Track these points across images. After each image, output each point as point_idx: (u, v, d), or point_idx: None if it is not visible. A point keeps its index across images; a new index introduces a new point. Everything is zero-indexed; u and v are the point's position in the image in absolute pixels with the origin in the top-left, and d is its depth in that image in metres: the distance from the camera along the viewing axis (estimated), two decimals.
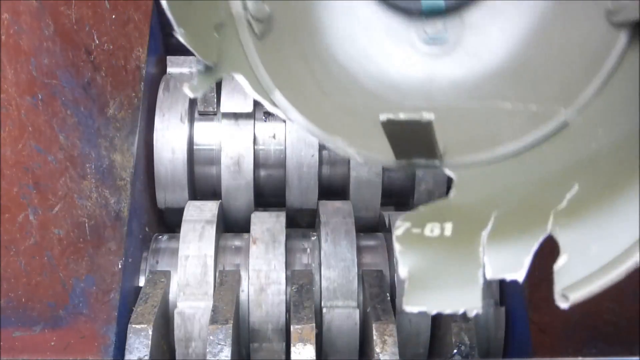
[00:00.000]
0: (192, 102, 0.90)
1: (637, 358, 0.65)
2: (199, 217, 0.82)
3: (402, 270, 0.51)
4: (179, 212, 0.84)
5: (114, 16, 0.79)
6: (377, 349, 0.70)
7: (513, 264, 0.50)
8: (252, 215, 0.84)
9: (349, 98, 0.64)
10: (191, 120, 0.89)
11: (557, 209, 0.51)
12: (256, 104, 0.90)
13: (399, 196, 0.94)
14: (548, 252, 0.73)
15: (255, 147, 0.89)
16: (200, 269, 0.78)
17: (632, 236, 0.46)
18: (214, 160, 0.90)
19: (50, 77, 0.67)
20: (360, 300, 0.79)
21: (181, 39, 0.52)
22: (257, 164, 0.90)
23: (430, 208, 0.55)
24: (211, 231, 0.80)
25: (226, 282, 0.77)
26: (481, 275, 0.49)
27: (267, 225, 0.82)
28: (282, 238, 0.81)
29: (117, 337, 0.72)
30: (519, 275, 0.49)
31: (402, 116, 0.50)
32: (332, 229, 0.82)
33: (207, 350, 0.70)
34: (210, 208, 0.83)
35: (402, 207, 0.97)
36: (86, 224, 0.71)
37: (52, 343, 0.65)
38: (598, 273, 0.46)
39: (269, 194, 0.93)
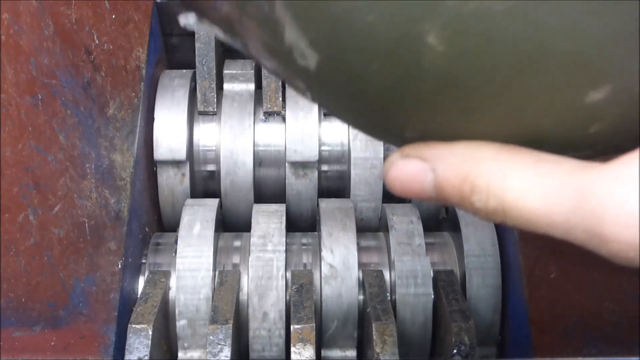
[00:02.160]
0: (192, 102, 0.90)
1: (638, 358, 0.65)
2: (198, 215, 0.82)
3: None
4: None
5: (114, 16, 0.79)
6: (377, 349, 0.70)
7: None
8: (253, 215, 0.83)
9: None
10: (191, 121, 0.89)
11: None
12: (256, 106, 0.90)
13: None
14: (549, 253, 0.73)
15: (255, 148, 0.89)
16: (199, 268, 0.78)
17: None
18: (213, 160, 0.90)
19: (50, 77, 0.67)
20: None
21: None
22: (256, 165, 0.90)
23: None
24: (210, 230, 0.80)
25: (226, 282, 0.77)
26: None
27: (267, 225, 0.82)
28: (283, 238, 0.81)
29: (117, 337, 0.72)
30: None
31: None
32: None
33: (207, 350, 0.70)
34: (209, 206, 0.83)
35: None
36: (86, 224, 0.71)
37: (52, 343, 0.65)
38: None
39: (268, 194, 0.93)
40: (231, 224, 0.93)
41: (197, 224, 0.81)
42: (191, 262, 0.78)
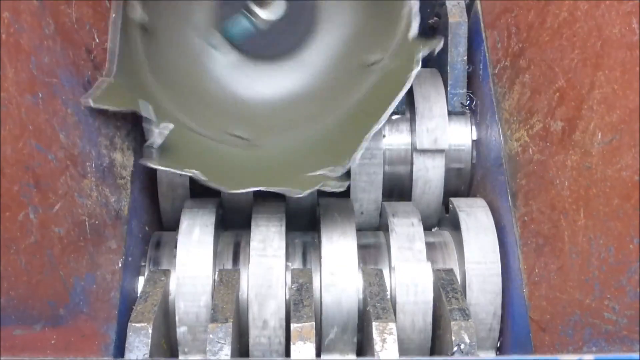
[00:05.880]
0: None
1: (637, 356, 0.65)
2: (197, 220, 0.81)
3: None
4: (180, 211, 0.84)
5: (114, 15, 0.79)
6: (377, 348, 0.70)
7: None
8: (252, 217, 0.83)
9: None
10: None
11: None
12: None
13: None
14: (548, 251, 0.73)
15: None
16: (199, 268, 0.78)
17: None
18: None
19: (51, 76, 0.67)
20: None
21: None
22: None
23: None
24: (210, 236, 0.80)
25: (226, 281, 0.77)
26: None
27: (267, 228, 0.82)
28: (282, 239, 0.81)
29: (117, 335, 0.72)
30: None
31: None
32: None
33: (207, 348, 0.70)
34: (208, 209, 0.83)
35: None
36: (86, 223, 0.71)
37: (53, 342, 0.65)
38: None
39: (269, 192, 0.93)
40: (231, 221, 0.92)
41: (196, 229, 0.80)
42: (191, 269, 0.78)
